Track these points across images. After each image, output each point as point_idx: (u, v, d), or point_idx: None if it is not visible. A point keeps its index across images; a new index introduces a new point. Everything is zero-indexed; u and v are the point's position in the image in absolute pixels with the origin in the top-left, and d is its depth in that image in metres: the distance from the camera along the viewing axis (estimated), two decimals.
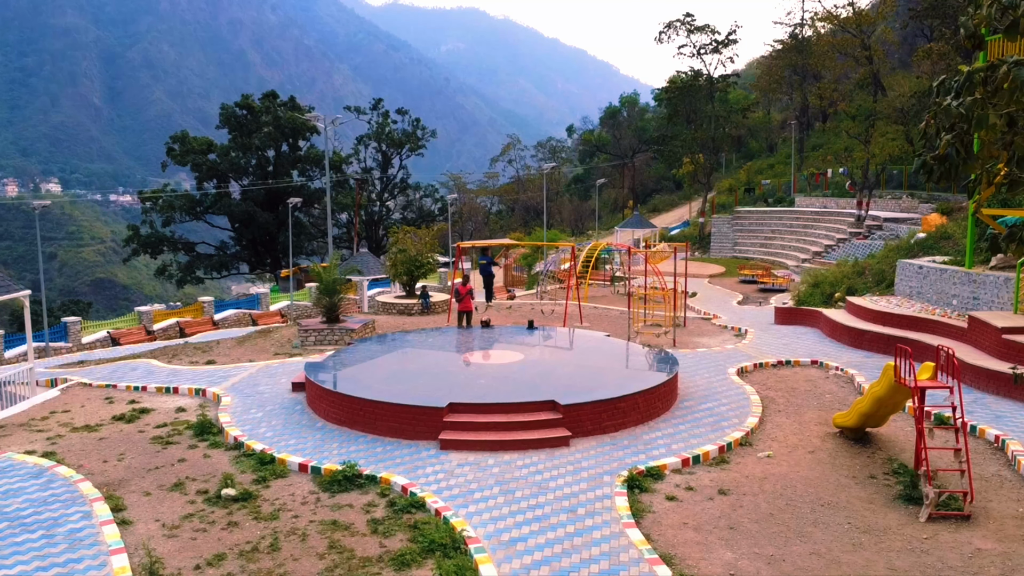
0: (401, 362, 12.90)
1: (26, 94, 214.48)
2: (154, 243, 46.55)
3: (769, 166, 60.65)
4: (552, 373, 11.98)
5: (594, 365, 12.72)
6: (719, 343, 17.69)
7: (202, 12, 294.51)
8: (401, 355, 13.55)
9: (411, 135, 56.53)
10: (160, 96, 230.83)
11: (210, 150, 47.24)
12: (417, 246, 22.45)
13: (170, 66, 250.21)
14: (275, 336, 18.91)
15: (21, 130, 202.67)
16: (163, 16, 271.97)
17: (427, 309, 21.91)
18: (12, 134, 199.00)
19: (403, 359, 13.14)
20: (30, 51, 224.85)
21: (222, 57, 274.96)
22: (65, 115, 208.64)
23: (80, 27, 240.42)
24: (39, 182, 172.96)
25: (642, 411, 10.75)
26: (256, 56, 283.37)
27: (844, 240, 36.34)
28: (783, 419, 11.49)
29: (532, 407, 10.27)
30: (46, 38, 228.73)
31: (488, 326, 15.64)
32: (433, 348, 14.19)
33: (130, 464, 9.71)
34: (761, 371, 14.57)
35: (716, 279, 34.63)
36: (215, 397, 12.62)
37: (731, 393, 12.54)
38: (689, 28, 44.19)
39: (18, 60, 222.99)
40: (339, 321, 17.76)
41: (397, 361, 13.00)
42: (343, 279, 18.76)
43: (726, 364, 14.74)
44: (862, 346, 15.76)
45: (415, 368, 12.37)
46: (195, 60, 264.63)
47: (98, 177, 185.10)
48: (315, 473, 9.20)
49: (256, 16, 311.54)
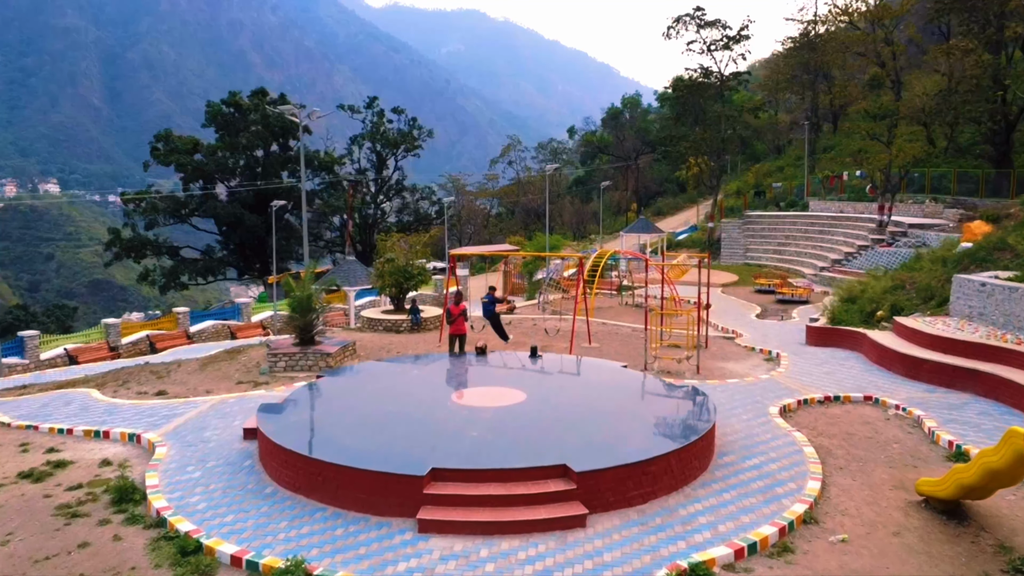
0: (378, 402, 10.65)
1: (25, 94, 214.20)
2: (137, 247, 44.23)
3: (778, 168, 58.52)
4: (561, 421, 9.73)
5: (611, 408, 10.47)
6: (749, 369, 15.46)
7: (202, 13, 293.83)
8: (379, 392, 11.31)
9: (407, 135, 54.25)
10: (160, 97, 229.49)
11: (196, 150, 44.96)
12: (407, 255, 20.16)
13: (170, 67, 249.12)
14: (243, 358, 16.67)
15: (20, 130, 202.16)
16: (163, 17, 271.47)
17: (417, 325, 19.68)
18: (11, 134, 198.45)
19: (380, 398, 10.89)
20: (30, 51, 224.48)
21: (222, 58, 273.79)
22: (64, 115, 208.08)
23: (80, 27, 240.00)
24: (37, 182, 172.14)
25: (676, 474, 8.52)
26: (256, 57, 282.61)
27: (866, 247, 34.14)
28: (848, 480, 9.25)
29: (537, 474, 8.03)
30: (46, 38, 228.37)
31: (484, 353, 13.39)
32: (418, 382, 11.94)
33: (14, 552, 7.47)
34: (807, 410, 12.33)
35: (729, 288, 32.40)
36: (150, 446, 10.38)
37: (778, 443, 10.30)
38: (699, 23, 42.01)
39: (18, 60, 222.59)
40: (314, 343, 15.53)
41: (373, 401, 10.74)
42: (320, 293, 16.50)
43: (764, 400, 12.51)
44: (920, 377, 13.53)
45: (394, 411, 10.12)
46: (195, 61, 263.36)
47: (97, 178, 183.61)
48: (251, 570, 6.97)
49: (256, 17, 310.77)
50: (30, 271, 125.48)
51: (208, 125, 46.15)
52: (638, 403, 11.06)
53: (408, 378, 12.11)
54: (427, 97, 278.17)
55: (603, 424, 9.64)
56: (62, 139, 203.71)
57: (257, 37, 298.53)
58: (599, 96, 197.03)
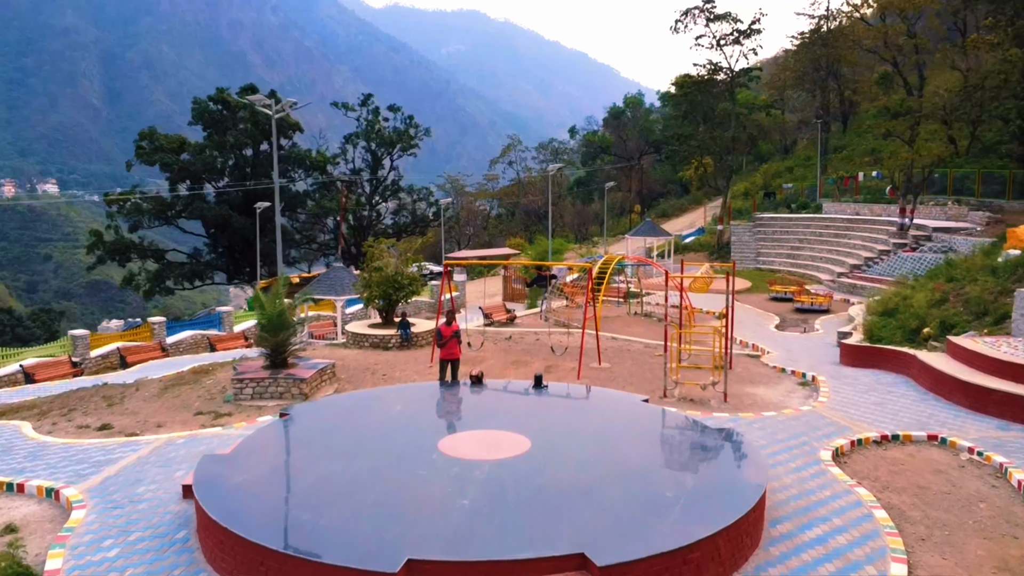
0: (347, 454, 8.68)
1: (25, 94, 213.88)
2: (121, 250, 42.22)
3: (787, 169, 56.70)
4: (575, 483, 7.77)
5: (636, 463, 8.53)
6: (783, 397, 13.54)
7: (202, 13, 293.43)
8: (350, 438, 9.37)
9: (403, 133, 52.21)
10: (160, 97, 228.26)
11: (182, 149, 42.97)
12: (397, 263, 18.21)
13: (170, 67, 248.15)
14: (210, 381, 14.77)
15: (19, 130, 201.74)
16: (163, 17, 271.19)
17: (407, 341, 17.77)
18: (10, 134, 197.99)
19: (351, 447, 8.92)
20: (29, 51, 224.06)
21: (222, 58, 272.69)
22: (64, 115, 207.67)
23: (80, 27, 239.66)
24: (36, 183, 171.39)
25: (724, 560, 6.61)
26: (256, 57, 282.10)
27: (887, 252, 32.21)
28: (937, 559, 7.33)
29: (547, 566, 6.11)
30: (45, 38, 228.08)
31: (480, 382, 11.44)
32: (399, 424, 10.00)
33: None
34: (863, 452, 10.41)
35: (743, 295, 30.44)
36: (68, 505, 8.47)
37: (840, 503, 8.38)
38: (708, 16, 40.06)
39: (17, 60, 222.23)
40: (287, 366, 13.61)
41: (341, 451, 8.78)
42: (301, 303, 14.58)
43: (811, 440, 10.59)
44: (987, 410, 11.62)
45: (366, 469, 8.18)
46: (195, 61, 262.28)
47: (96, 178, 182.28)
48: None
49: (256, 17, 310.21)
50: (28, 272, 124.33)
51: (195, 123, 44.18)
52: (668, 454, 9.12)
53: (388, 417, 10.16)
54: (427, 98, 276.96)
55: (627, 487, 7.71)
56: (61, 139, 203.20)
57: (257, 37, 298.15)
58: (600, 97, 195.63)
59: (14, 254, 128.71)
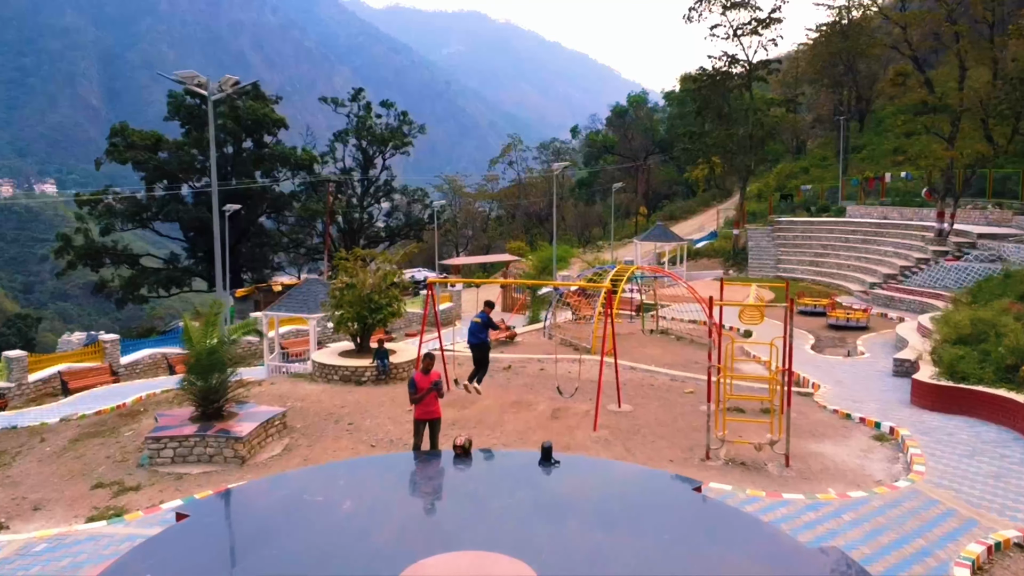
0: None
1: (24, 94, 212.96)
2: (92, 254, 39.14)
3: (803, 170, 53.78)
4: None
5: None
6: (861, 459, 10.48)
7: (202, 13, 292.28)
8: (269, 559, 6.23)
9: (397, 131, 49.11)
10: (160, 97, 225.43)
11: (158, 146, 39.92)
12: (374, 280, 15.13)
13: (170, 67, 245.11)
14: (132, 430, 11.76)
15: (18, 130, 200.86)
16: (163, 17, 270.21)
17: (385, 373, 14.72)
18: (9, 134, 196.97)
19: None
20: (28, 51, 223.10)
21: (222, 59, 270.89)
22: (63, 115, 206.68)
23: (79, 27, 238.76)
24: (34, 183, 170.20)
25: None
26: (256, 58, 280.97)
27: (926, 260, 29.15)
28: None
29: None
30: (45, 38, 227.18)
31: (467, 454, 8.27)
32: (347, 534, 6.85)
33: None
34: (1008, 562, 7.35)
35: (766, 308, 27.42)
36: None
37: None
38: (725, 4, 37.05)
39: (16, 60, 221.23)
40: (221, 417, 10.56)
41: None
42: (234, 341, 11.53)
43: (930, 542, 7.53)
44: None
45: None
46: (195, 61, 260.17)
47: (95, 178, 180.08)
48: None
49: (256, 17, 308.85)
50: (24, 272, 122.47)
51: (171, 118, 41.10)
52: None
53: (331, 524, 7.00)
54: (427, 98, 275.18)
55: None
56: (60, 139, 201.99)
57: (257, 37, 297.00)
58: (601, 98, 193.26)
59: (11, 255, 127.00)
